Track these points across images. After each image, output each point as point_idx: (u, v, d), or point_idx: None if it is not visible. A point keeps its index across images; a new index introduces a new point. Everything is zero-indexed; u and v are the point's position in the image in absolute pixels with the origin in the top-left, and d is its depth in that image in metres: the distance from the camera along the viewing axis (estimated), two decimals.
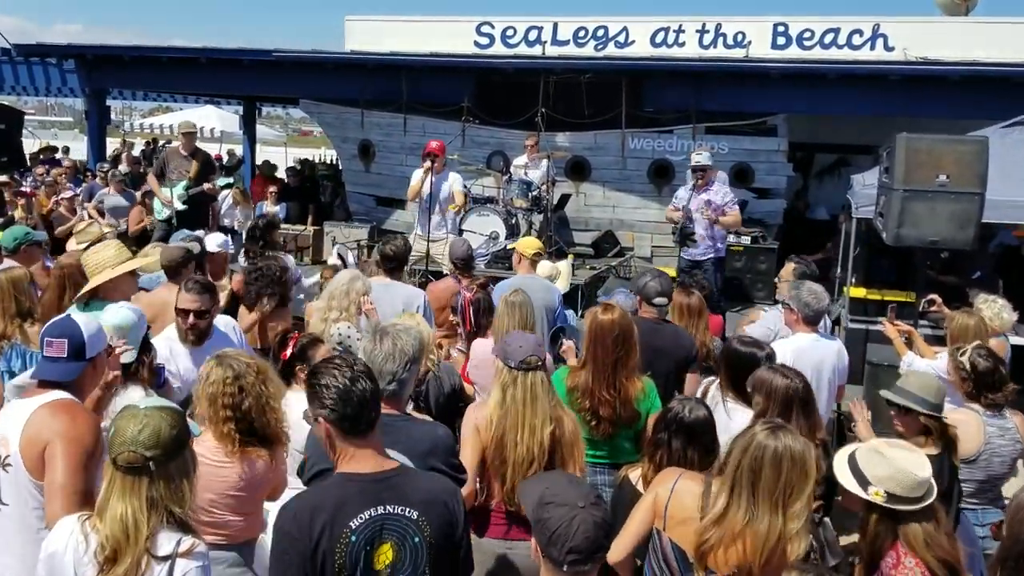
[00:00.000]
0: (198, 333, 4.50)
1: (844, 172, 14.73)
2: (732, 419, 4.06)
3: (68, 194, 11.02)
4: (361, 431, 2.61)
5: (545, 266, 7.12)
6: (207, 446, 3.26)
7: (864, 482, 2.95)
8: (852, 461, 3.03)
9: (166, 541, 2.47)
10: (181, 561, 2.46)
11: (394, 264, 6.12)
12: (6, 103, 10.10)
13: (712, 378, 4.55)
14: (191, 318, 4.48)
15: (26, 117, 11.31)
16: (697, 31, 14.58)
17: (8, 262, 5.95)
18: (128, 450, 2.44)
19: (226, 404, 3.28)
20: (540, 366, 3.60)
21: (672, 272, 9.84)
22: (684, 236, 9.05)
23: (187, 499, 2.54)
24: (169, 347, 4.50)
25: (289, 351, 4.51)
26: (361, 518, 2.51)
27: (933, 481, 2.95)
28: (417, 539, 2.56)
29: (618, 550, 3.14)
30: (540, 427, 3.50)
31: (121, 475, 2.46)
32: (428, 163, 8.89)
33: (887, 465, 2.91)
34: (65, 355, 3.15)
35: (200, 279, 4.74)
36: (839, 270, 9.95)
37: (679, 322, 5.42)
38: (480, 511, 3.68)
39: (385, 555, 2.52)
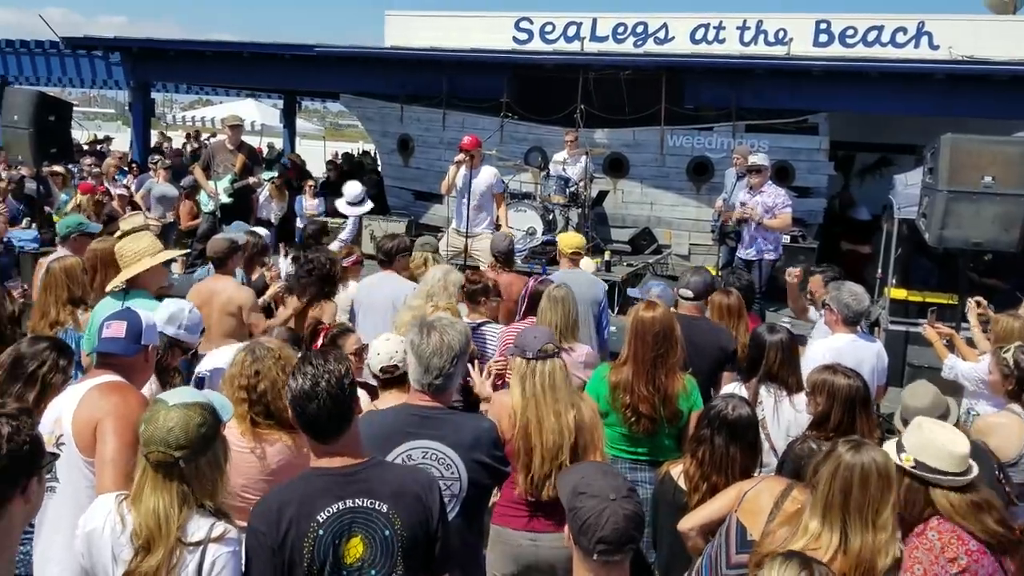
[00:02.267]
0: None
1: (886, 172, 14.58)
2: (801, 410, 4.05)
3: (120, 191, 11.21)
4: (323, 436, 2.59)
5: (584, 263, 7.13)
6: (233, 432, 3.32)
7: (900, 449, 3.04)
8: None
9: (198, 528, 2.52)
10: (212, 546, 2.50)
11: (384, 259, 6.31)
12: (53, 95, 10.31)
13: (754, 380, 4.50)
14: None
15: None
16: (738, 28, 14.48)
17: (61, 250, 6.12)
18: (157, 450, 2.49)
19: (241, 385, 3.37)
20: (556, 354, 3.68)
21: (712, 270, 9.83)
22: (723, 234, 9.00)
23: (219, 492, 2.59)
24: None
25: (320, 341, 4.61)
26: (328, 512, 2.49)
27: (974, 463, 3.00)
28: (387, 532, 2.53)
29: (689, 522, 3.28)
30: (564, 412, 3.57)
31: (152, 470, 2.52)
32: (461, 156, 8.93)
33: (921, 436, 3.00)
34: (123, 336, 3.29)
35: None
36: (879, 271, 9.86)
37: (718, 322, 5.42)
38: (504, 501, 3.74)
39: (355, 549, 2.50)
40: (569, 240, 6.73)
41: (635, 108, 12.60)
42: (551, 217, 10.97)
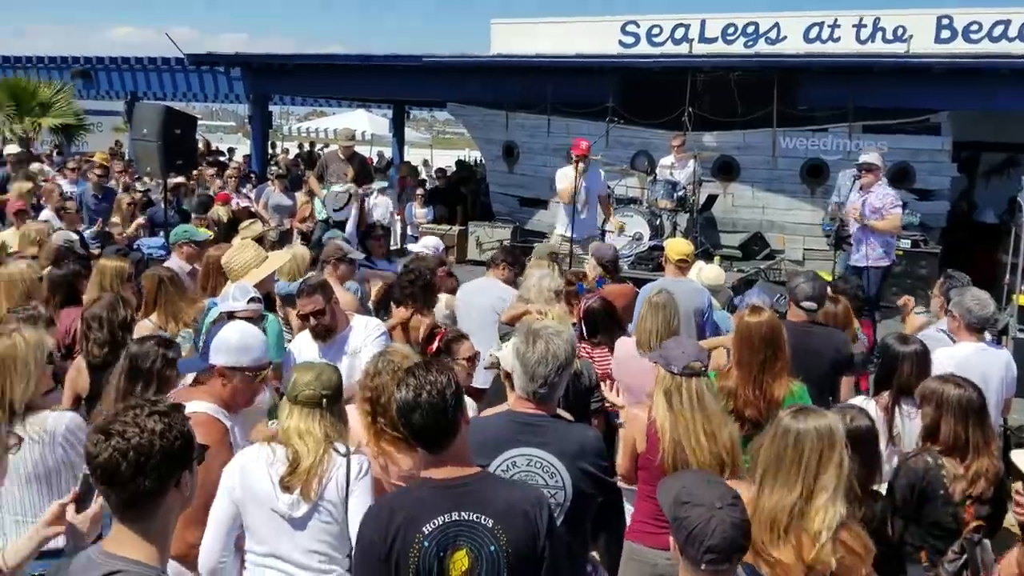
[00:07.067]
0: (323, 330, 4.66)
1: (1014, 172, 13.84)
2: None
3: (244, 202, 11.64)
4: (428, 446, 2.62)
5: (714, 271, 6.99)
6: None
7: None
8: None
9: (339, 448, 3.10)
10: (355, 456, 3.10)
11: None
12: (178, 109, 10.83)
13: (886, 394, 4.31)
14: (312, 320, 4.66)
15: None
16: (854, 25, 14.02)
17: (174, 258, 6.60)
18: (309, 389, 3.07)
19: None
20: (703, 372, 3.56)
21: (827, 276, 9.53)
22: (840, 239, 8.72)
23: (346, 437, 3.14)
24: (298, 348, 4.73)
25: (435, 345, 4.69)
26: (434, 523, 2.50)
27: None
28: (493, 548, 2.50)
29: None
30: (718, 432, 3.48)
31: (299, 409, 3.08)
32: (577, 163, 8.91)
33: None
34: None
35: (311, 280, 4.81)
36: (1008, 276, 9.36)
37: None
38: (640, 517, 3.67)
39: (460, 562, 2.49)
40: (676, 247, 6.50)
41: (746, 110, 12.35)
42: (658, 222, 10.86)
